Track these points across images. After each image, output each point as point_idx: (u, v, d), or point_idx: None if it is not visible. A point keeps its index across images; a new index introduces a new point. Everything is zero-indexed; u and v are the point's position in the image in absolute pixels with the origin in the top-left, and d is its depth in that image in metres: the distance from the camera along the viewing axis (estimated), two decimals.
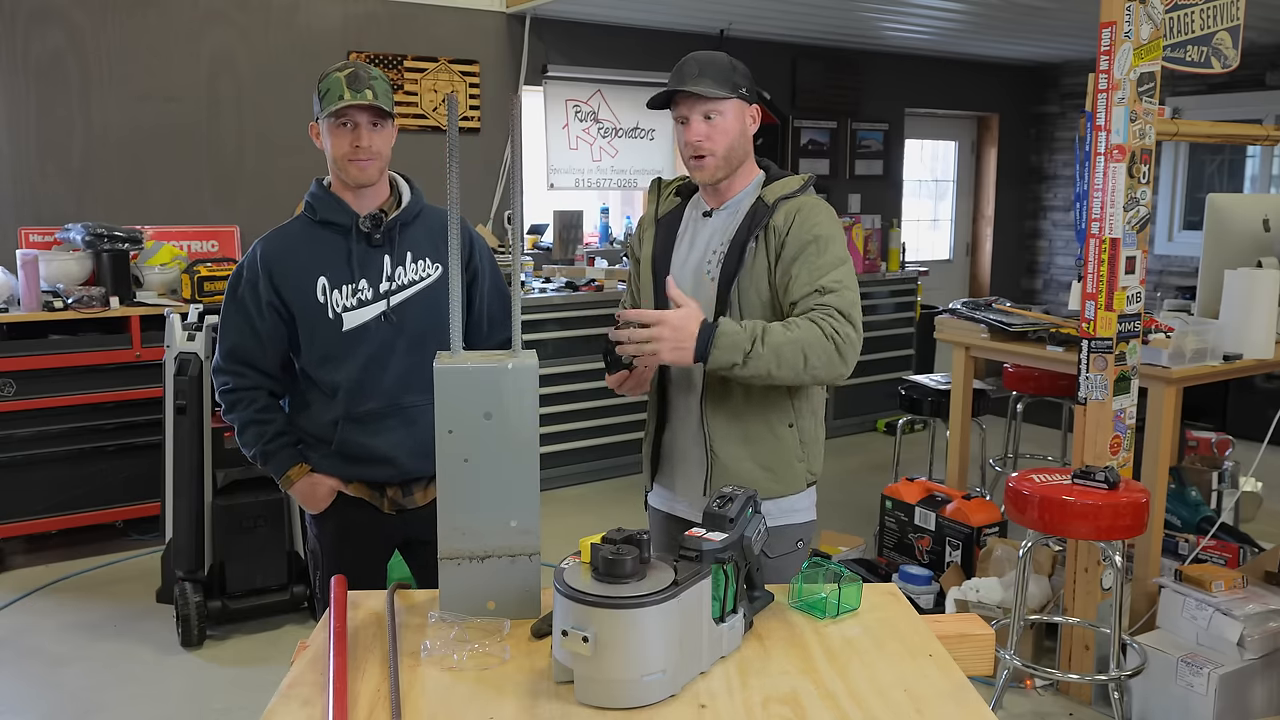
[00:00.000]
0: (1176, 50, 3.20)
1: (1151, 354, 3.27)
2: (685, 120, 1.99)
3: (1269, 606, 3.02)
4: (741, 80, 2.01)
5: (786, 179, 2.05)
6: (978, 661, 1.53)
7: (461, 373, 1.49)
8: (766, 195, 2.02)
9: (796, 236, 1.96)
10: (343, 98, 2.06)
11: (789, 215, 1.98)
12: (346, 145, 2.11)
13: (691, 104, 1.97)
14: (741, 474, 2.00)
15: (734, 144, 2.00)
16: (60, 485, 4.29)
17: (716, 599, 1.36)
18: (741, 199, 2.06)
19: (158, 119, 4.92)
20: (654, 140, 6.44)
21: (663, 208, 2.16)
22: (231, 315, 2.21)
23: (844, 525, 4.56)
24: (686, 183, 2.15)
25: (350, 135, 2.10)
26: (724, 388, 1.99)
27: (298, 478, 2.21)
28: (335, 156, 2.13)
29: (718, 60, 2.01)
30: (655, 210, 2.17)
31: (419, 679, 1.35)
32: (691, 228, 2.10)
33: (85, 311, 4.26)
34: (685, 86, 1.95)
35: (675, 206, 2.15)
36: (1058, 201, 8.33)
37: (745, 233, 2.00)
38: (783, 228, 1.97)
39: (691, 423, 2.06)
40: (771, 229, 1.98)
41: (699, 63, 1.99)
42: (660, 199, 2.18)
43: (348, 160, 2.12)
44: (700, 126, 1.98)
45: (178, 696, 3.27)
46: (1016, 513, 2.88)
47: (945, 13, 5.95)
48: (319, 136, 2.16)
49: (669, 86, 1.99)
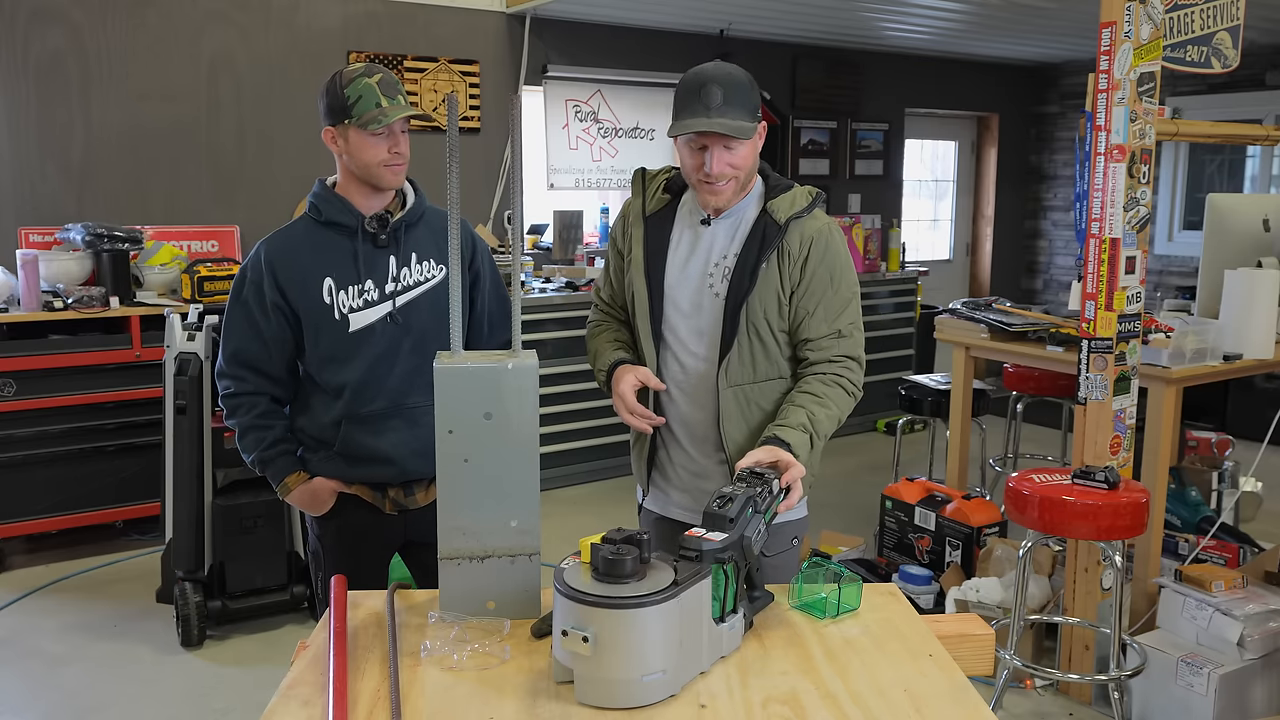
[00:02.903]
0: (1176, 50, 3.20)
1: (1151, 354, 3.27)
2: (703, 148, 1.89)
3: (1269, 606, 3.02)
4: (758, 98, 1.93)
5: (792, 193, 1.99)
6: (978, 661, 1.54)
7: (462, 373, 1.49)
8: (775, 211, 1.96)
9: (813, 269, 1.94)
10: (380, 106, 2.05)
11: (804, 242, 1.95)
12: (385, 153, 2.10)
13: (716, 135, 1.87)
14: None
15: (751, 167, 1.96)
16: (60, 485, 4.29)
17: (716, 599, 1.37)
18: (743, 209, 2.00)
19: (158, 119, 4.92)
20: (654, 140, 6.43)
21: (651, 204, 2.07)
22: (235, 318, 2.20)
23: (844, 525, 4.56)
24: (674, 176, 2.07)
25: (388, 142, 2.09)
26: (742, 407, 1.98)
27: (295, 485, 2.21)
28: (370, 163, 2.10)
29: (738, 81, 1.89)
30: (642, 205, 2.08)
31: (419, 679, 1.35)
32: (688, 234, 2.03)
33: (85, 311, 4.26)
34: (714, 126, 1.83)
35: (665, 204, 2.06)
36: (1058, 201, 8.33)
37: (756, 252, 1.94)
38: (798, 254, 1.94)
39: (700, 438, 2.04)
40: (786, 253, 1.94)
41: (722, 88, 1.86)
42: (647, 193, 2.09)
43: (384, 166, 2.11)
44: (722, 156, 1.88)
45: (178, 696, 3.27)
46: (1016, 513, 2.88)
47: (945, 13, 5.95)
48: (336, 141, 2.13)
49: (690, 116, 1.87)
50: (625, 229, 2.10)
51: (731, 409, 1.98)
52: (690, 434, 2.05)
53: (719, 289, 1.97)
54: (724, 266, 1.98)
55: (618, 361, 2.03)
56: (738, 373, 1.97)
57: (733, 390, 1.97)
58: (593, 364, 2.12)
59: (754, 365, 1.97)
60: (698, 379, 2.01)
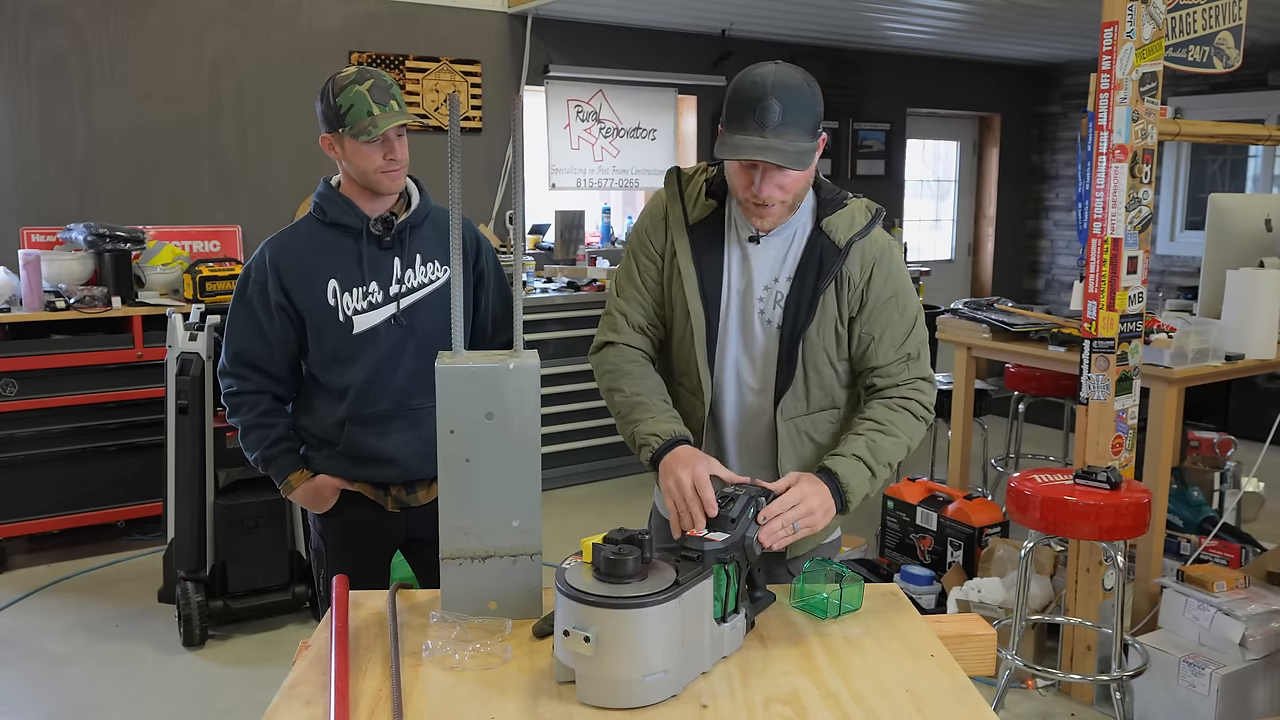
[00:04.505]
0: (1178, 50, 3.20)
1: (1153, 354, 3.27)
2: (753, 165, 1.66)
3: (1271, 607, 3.01)
4: (820, 108, 1.71)
5: (850, 209, 1.82)
6: (979, 662, 1.53)
7: (463, 373, 1.49)
8: (833, 231, 1.78)
9: (876, 293, 1.79)
10: (371, 114, 2.04)
11: (865, 266, 1.79)
12: (380, 160, 2.09)
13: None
14: None
15: (804, 187, 1.76)
16: (62, 485, 4.30)
17: (718, 599, 1.36)
18: (794, 225, 1.81)
19: (160, 119, 4.92)
20: (655, 140, 6.44)
21: (695, 211, 1.83)
22: (239, 317, 2.20)
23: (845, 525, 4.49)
24: (715, 177, 1.84)
25: (382, 150, 2.08)
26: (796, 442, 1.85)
27: (298, 484, 2.21)
28: (366, 170, 2.09)
29: (799, 93, 1.66)
30: (684, 211, 1.84)
31: (421, 679, 1.35)
32: (737, 252, 1.82)
33: (87, 311, 4.26)
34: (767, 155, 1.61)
35: (711, 211, 1.82)
36: (1059, 201, 8.32)
37: (814, 279, 1.77)
38: (859, 280, 1.78)
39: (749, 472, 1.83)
40: (846, 280, 1.78)
41: (781, 102, 1.63)
42: (687, 198, 1.84)
43: (380, 173, 2.10)
44: (774, 178, 1.67)
45: (179, 696, 3.27)
46: (1018, 513, 2.88)
47: (947, 12, 5.95)
48: (333, 148, 2.12)
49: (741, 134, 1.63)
50: (665, 237, 1.85)
51: (787, 443, 1.84)
52: (739, 467, 1.88)
53: (771, 315, 1.80)
54: (775, 290, 1.80)
55: (681, 438, 1.72)
56: (792, 407, 1.83)
57: (788, 424, 1.84)
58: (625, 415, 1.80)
59: (809, 398, 1.84)
60: (749, 411, 1.87)
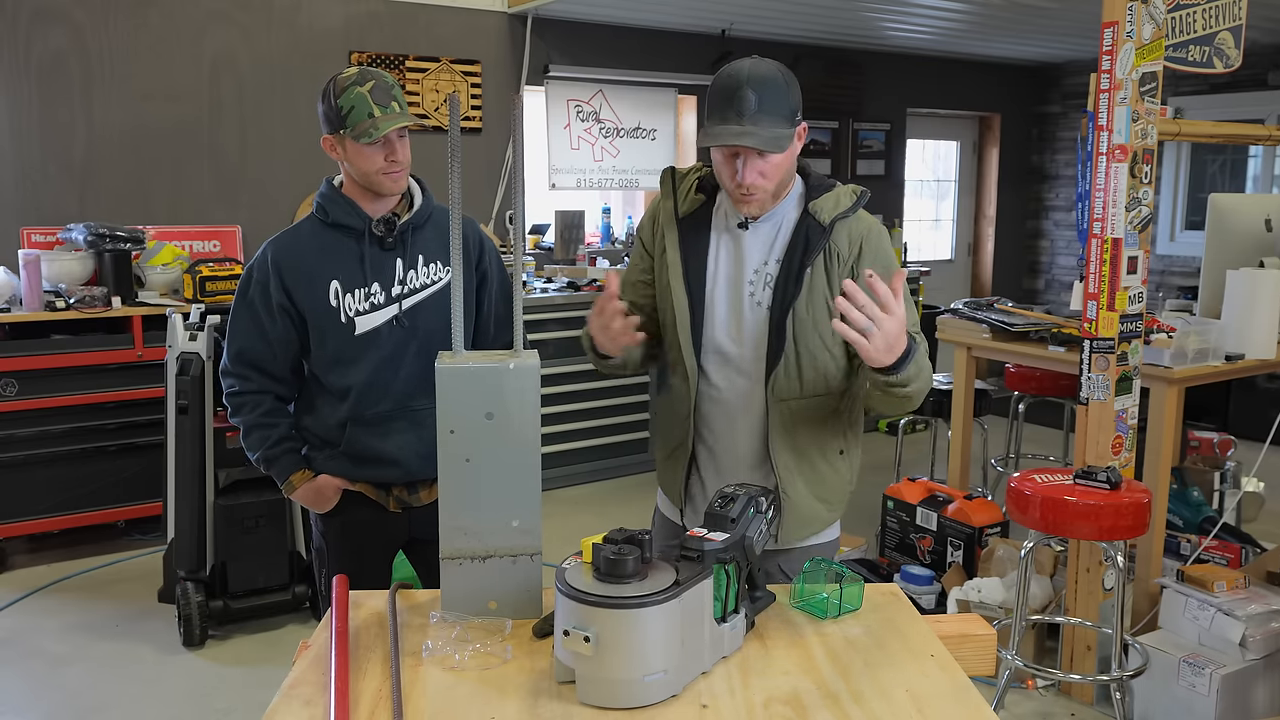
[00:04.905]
0: (1178, 50, 3.20)
1: (1153, 354, 3.27)
2: (736, 154, 1.75)
3: (1271, 607, 3.02)
4: (797, 98, 1.77)
5: (835, 192, 1.87)
6: (979, 662, 1.53)
7: (463, 373, 1.49)
8: (818, 212, 1.83)
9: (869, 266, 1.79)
10: (373, 115, 2.04)
11: (853, 242, 1.83)
12: (382, 161, 2.08)
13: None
14: (807, 510, 1.91)
15: (787, 173, 1.82)
16: (62, 485, 4.30)
17: (718, 599, 1.36)
18: (782, 212, 1.86)
19: (160, 119, 4.92)
20: (655, 140, 6.44)
21: (685, 205, 1.91)
22: (240, 318, 2.20)
23: (845, 525, 4.50)
24: (706, 174, 1.92)
25: (383, 151, 2.08)
26: (789, 425, 1.85)
27: (300, 483, 2.21)
28: (368, 172, 2.09)
29: (773, 83, 1.73)
30: (675, 206, 1.92)
31: (421, 679, 1.35)
32: (725, 238, 1.88)
33: (87, 311, 4.26)
34: (744, 140, 1.69)
35: (699, 205, 1.90)
36: (1059, 201, 8.32)
37: (800, 256, 1.81)
38: (847, 255, 1.82)
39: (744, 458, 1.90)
40: (834, 254, 1.82)
41: (756, 92, 1.70)
42: (678, 194, 1.93)
43: (382, 174, 2.10)
44: (755, 165, 1.75)
45: (179, 696, 3.27)
46: (1018, 513, 2.88)
47: (947, 12, 5.95)
48: (335, 149, 2.12)
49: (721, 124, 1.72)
50: (655, 232, 1.95)
51: (778, 426, 1.85)
52: (734, 454, 1.91)
53: (761, 297, 1.84)
54: (765, 274, 1.85)
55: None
56: (784, 387, 1.83)
57: (779, 406, 1.84)
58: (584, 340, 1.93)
59: (801, 379, 1.84)
60: (741, 395, 1.88)
